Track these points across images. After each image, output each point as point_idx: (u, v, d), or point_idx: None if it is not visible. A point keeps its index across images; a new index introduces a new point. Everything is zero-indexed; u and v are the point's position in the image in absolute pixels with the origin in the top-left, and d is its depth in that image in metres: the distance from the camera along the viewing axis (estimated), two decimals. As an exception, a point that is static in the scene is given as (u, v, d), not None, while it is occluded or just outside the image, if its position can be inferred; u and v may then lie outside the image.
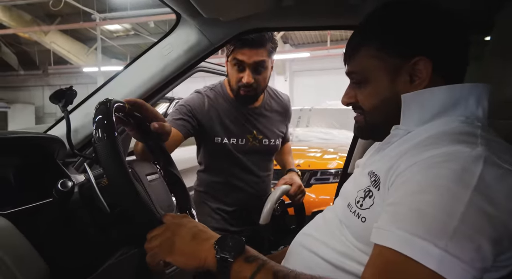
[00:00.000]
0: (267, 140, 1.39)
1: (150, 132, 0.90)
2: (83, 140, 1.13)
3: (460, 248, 0.43)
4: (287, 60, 11.22)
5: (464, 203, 0.44)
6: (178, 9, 0.99)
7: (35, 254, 0.64)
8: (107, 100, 0.72)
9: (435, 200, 0.46)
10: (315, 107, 4.94)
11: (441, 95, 0.59)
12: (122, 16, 9.85)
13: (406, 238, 0.45)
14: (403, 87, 0.62)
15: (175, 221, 0.64)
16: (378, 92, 0.65)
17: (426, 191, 0.47)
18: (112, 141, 0.64)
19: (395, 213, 0.49)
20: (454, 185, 0.46)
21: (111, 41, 11.61)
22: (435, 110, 0.60)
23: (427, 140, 0.54)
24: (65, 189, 0.66)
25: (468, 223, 0.44)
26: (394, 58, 0.62)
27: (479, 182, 0.46)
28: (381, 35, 0.64)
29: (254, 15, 1.01)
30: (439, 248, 0.43)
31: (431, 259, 0.43)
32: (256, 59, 1.21)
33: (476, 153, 0.48)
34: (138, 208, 0.63)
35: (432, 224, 0.45)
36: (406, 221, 0.47)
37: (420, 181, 0.49)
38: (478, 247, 0.44)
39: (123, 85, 1.11)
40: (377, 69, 0.64)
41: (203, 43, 1.08)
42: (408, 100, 0.61)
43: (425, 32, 0.61)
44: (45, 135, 0.92)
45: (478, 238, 0.44)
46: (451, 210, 0.45)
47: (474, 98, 0.59)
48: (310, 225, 0.75)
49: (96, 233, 0.71)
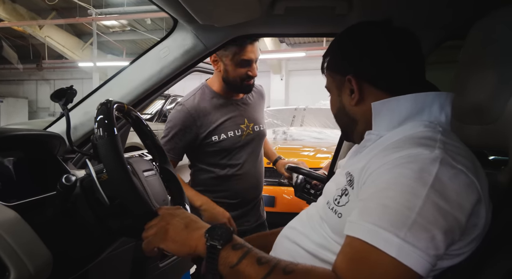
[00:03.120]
0: (258, 126, 1.51)
1: (148, 131, 0.96)
2: (82, 137, 1.18)
3: (417, 238, 0.50)
4: (283, 60, 11.26)
5: (421, 198, 0.51)
6: (175, 15, 1.04)
7: (40, 243, 0.70)
8: (107, 101, 0.78)
9: (397, 196, 0.53)
10: (309, 107, 5.00)
11: (406, 103, 0.66)
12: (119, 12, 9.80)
13: (372, 230, 0.52)
14: (346, 99, 0.73)
15: (169, 212, 0.70)
16: (333, 102, 0.78)
17: (391, 188, 0.54)
18: (112, 139, 0.70)
19: (364, 207, 0.56)
20: (413, 182, 0.52)
21: (107, 37, 11.56)
22: (402, 117, 0.66)
23: (395, 143, 0.61)
24: (69, 183, 0.71)
25: (424, 216, 0.50)
26: (337, 76, 0.75)
27: (435, 180, 0.52)
28: (327, 58, 0.78)
29: (247, 22, 1.06)
30: (399, 238, 0.50)
31: (392, 247, 0.50)
32: (258, 55, 1.39)
33: (434, 155, 0.54)
34: (136, 201, 0.68)
35: (394, 217, 0.51)
36: (373, 215, 0.53)
37: (386, 179, 0.55)
38: (432, 237, 0.50)
39: (121, 85, 1.17)
40: (331, 83, 0.77)
41: (198, 47, 1.13)
42: (377, 108, 0.68)
43: (348, 55, 0.73)
44: (47, 132, 0.98)
45: (432, 229, 0.50)
46: (410, 204, 0.51)
47: (438, 105, 0.66)
48: (295, 219, 0.83)
49: (96, 224, 0.77)
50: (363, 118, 0.73)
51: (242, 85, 1.41)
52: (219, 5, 0.94)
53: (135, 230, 0.77)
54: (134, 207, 0.69)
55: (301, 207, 1.01)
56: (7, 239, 0.63)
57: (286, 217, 1.42)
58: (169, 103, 5.57)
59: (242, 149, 1.46)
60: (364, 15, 1.02)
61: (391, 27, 0.72)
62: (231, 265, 0.58)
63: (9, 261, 0.62)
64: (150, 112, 5.40)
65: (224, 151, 1.43)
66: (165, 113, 5.32)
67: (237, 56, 1.34)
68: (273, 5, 0.97)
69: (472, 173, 0.55)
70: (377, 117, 0.68)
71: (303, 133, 4.21)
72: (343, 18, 1.02)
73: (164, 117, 5.28)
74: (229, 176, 1.46)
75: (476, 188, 0.55)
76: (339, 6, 0.96)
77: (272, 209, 3.04)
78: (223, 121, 1.41)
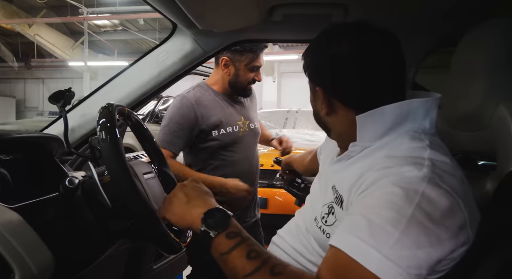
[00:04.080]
0: (252, 124, 1.57)
1: (147, 135, 0.97)
2: (79, 138, 1.19)
3: (399, 256, 0.49)
4: (275, 62, 11.31)
5: (406, 217, 0.51)
6: (174, 19, 1.06)
7: (42, 244, 0.71)
8: (109, 105, 0.79)
9: (383, 213, 0.53)
10: (302, 109, 5.04)
11: (390, 112, 0.64)
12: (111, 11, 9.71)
13: (355, 243, 0.52)
14: (318, 107, 0.72)
15: (183, 183, 0.72)
16: (312, 106, 0.76)
17: (378, 205, 0.54)
18: (115, 142, 0.71)
19: (351, 221, 0.56)
20: (400, 200, 0.53)
21: (98, 36, 11.45)
22: (387, 127, 0.65)
23: (383, 162, 0.60)
24: (73, 186, 0.72)
25: (408, 234, 0.50)
26: (311, 84, 0.73)
27: (421, 199, 0.52)
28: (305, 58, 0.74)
29: (246, 28, 1.09)
30: (381, 254, 0.50)
31: (372, 263, 0.49)
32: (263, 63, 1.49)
33: (422, 174, 0.55)
34: (137, 202, 0.70)
35: (379, 233, 0.51)
36: (358, 229, 0.53)
37: (375, 197, 0.56)
38: (415, 256, 0.50)
39: (119, 88, 1.18)
40: (310, 87, 0.75)
41: (197, 52, 1.15)
42: (362, 121, 0.66)
43: (317, 67, 0.71)
44: (46, 135, 0.98)
45: (415, 249, 0.50)
46: (395, 222, 0.51)
47: (422, 112, 0.65)
48: (285, 228, 0.85)
49: (96, 226, 0.78)
50: (335, 129, 0.73)
51: (246, 89, 1.51)
52: (218, 11, 0.96)
53: (136, 231, 0.79)
54: (135, 207, 0.70)
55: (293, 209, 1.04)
56: (11, 240, 0.64)
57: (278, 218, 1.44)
58: (162, 104, 5.56)
59: (239, 145, 1.50)
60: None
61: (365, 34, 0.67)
62: (221, 252, 0.59)
63: (13, 263, 0.62)
64: (142, 113, 5.38)
65: (222, 147, 1.47)
66: (158, 114, 5.30)
67: (252, 62, 1.43)
68: (271, 12, 1.00)
69: (457, 193, 0.55)
70: (362, 129, 0.66)
71: (296, 135, 4.24)
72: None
73: (156, 118, 5.25)
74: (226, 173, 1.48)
75: (461, 209, 0.54)
76: (335, 13, 0.99)
77: (265, 210, 3.06)
78: (222, 117, 1.47)
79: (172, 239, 0.76)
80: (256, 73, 1.48)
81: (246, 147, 1.54)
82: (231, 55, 1.42)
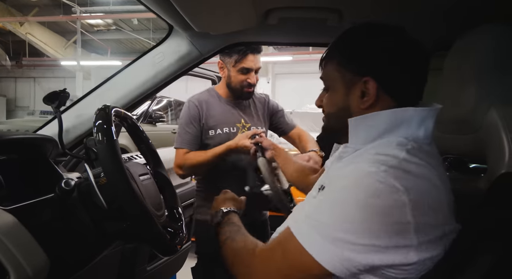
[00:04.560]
0: (254, 127, 1.57)
1: (143, 136, 0.97)
2: (74, 139, 1.18)
3: (333, 238, 0.56)
4: (270, 63, 11.35)
5: (348, 206, 0.56)
6: (171, 21, 1.06)
7: (37, 246, 0.71)
8: (106, 106, 0.79)
9: (330, 201, 0.60)
10: (296, 111, 5.06)
11: (384, 118, 0.65)
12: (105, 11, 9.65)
13: (298, 220, 0.61)
14: (354, 101, 0.68)
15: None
16: (335, 100, 0.72)
17: (330, 193, 0.61)
18: (111, 144, 0.71)
19: (302, 204, 0.66)
20: (344, 191, 0.58)
21: (91, 35, 11.36)
22: (380, 131, 0.65)
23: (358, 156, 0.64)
24: (69, 188, 0.72)
25: (343, 221, 0.56)
26: (349, 74, 0.69)
27: (363, 193, 0.56)
28: (341, 53, 0.71)
29: (242, 30, 1.09)
30: (318, 233, 0.57)
31: (307, 239, 0.58)
32: (259, 65, 1.49)
33: (375, 170, 0.57)
34: (134, 203, 0.70)
35: (321, 216, 0.59)
36: (306, 210, 0.62)
37: (331, 186, 0.62)
38: (348, 241, 0.55)
39: (115, 89, 1.17)
40: (336, 80, 0.71)
41: (193, 54, 1.15)
42: (354, 123, 0.68)
43: (373, 57, 0.67)
44: (42, 136, 0.97)
45: (346, 231, 0.56)
46: (337, 210, 0.58)
47: (417, 120, 0.65)
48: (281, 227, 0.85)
49: (92, 228, 0.78)
50: None
51: (242, 92, 1.52)
52: (215, 14, 0.97)
53: (132, 233, 0.79)
54: (132, 209, 0.71)
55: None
56: (6, 243, 0.64)
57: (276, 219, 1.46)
58: (156, 104, 5.53)
59: None
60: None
61: (411, 38, 0.69)
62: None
63: (8, 264, 0.62)
64: (136, 113, 5.35)
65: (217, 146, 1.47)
66: (151, 114, 5.27)
67: (238, 63, 1.45)
68: (267, 15, 1.00)
69: (409, 195, 0.55)
70: (354, 131, 0.68)
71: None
72: (335, 29, 1.06)
73: (150, 118, 5.22)
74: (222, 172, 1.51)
75: (405, 211, 0.55)
76: (330, 18, 1.00)
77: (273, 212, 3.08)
78: (220, 118, 1.50)
79: (168, 241, 0.77)
80: (249, 76, 1.48)
81: None
82: (223, 57, 1.47)
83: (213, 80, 2.27)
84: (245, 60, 1.45)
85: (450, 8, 0.91)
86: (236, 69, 1.46)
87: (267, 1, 0.93)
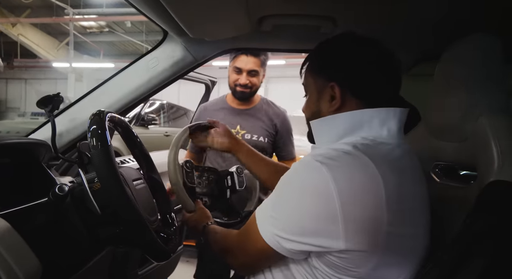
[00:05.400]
0: (250, 134, 1.59)
1: (137, 141, 0.97)
2: (67, 143, 1.18)
3: (275, 219, 0.66)
4: (262, 66, 11.37)
5: (283, 194, 0.67)
6: (165, 27, 1.07)
7: (29, 251, 0.70)
8: (100, 112, 0.79)
9: (276, 189, 0.69)
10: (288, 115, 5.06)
11: (343, 120, 0.71)
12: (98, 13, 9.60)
13: (260, 208, 0.72)
14: (324, 104, 0.75)
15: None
16: (310, 104, 0.79)
17: (279, 182, 0.69)
18: (106, 149, 0.71)
19: None
20: (288, 181, 0.68)
21: (84, 37, 11.28)
22: (340, 132, 0.71)
23: None
24: (63, 193, 0.72)
25: (282, 207, 0.66)
26: (320, 80, 0.75)
27: (296, 180, 0.65)
28: (313, 61, 0.79)
29: (236, 36, 1.10)
30: (270, 216, 0.67)
31: (260, 222, 0.70)
32: (250, 68, 1.53)
33: (310, 160, 0.64)
34: (128, 209, 0.70)
35: (270, 204, 0.69)
36: (266, 201, 0.71)
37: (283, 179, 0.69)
38: (284, 222, 0.65)
39: (109, 94, 1.17)
40: (311, 85, 0.78)
41: (187, 59, 1.16)
42: (316, 125, 0.76)
43: (337, 64, 0.74)
44: (35, 140, 0.97)
45: (281, 218, 0.65)
46: (277, 197, 0.69)
47: (378, 121, 0.69)
48: None
49: (85, 233, 0.78)
50: None
51: (235, 91, 1.58)
52: (210, 21, 0.98)
53: (125, 238, 0.79)
54: (126, 215, 0.71)
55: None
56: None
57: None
58: (148, 107, 5.50)
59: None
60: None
61: (379, 46, 0.75)
62: None
63: (0, 269, 0.62)
64: (128, 116, 5.31)
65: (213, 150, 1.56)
66: (144, 117, 5.24)
67: (232, 62, 1.55)
68: (260, 22, 1.01)
69: (337, 184, 0.59)
70: (317, 133, 0.76)
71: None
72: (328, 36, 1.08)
73: (142, 121, 5.19)
74: None
75: (332, 199, 0.59)
76: (324, 25, 1.01)
77: None
78: None
79: (161, 246, 0.77)
80: (239, 76, 1.53)
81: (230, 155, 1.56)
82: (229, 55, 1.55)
83: (206, 84, 2.27)
84: (237, 60, 1.52)
85: (440, 19, 0.93)
86: (231, 68, 1.55)
87: (261, 9, 0.94)
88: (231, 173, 1.17)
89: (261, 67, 1.57)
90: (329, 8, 0.92)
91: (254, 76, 1.56)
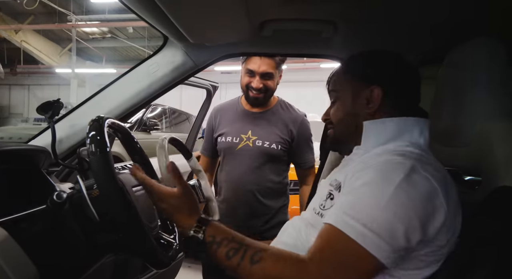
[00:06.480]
0: (261, 141, 1.47)
1: (137, 147, 0.97)
2: (67, 149, 1.17)
3: (378, 228, 0.59)
4: (264, 71, 11.36)
5: (387, 195, 0.60)
6: (166, 32, 1.06)
7: (27, 259, 0.69)
8: (99, 118, 0.79)
9: (369, 192, 0.62)
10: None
11: (392, 125, 0.75)
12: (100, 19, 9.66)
13: (342, 218, 0.62)
14: (360, 107, 0.78)
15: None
16: (343, 107, 0.82)
17: (365, 185, 0.64)
18: (105, 156, 0.70)
19: (340, 201, 0.66)
20: (383, 181, 0.62)
21: (86, 43, 11.36)
22: (388, 137, 0.74)
23: (376, 153, 0.71)
24: (61, 200, 0.71)
25: (388, 210, 0.60)
26: (358, 83, 0.79)
27: (402, 182, 0.61)
28: (353, 67, 0.83)
29: (237, 42, 1.10)
30: (364, 226, 0.59)
31: (355, 232, 0.59)
32: (264, 70, 1.41)
33: (406, 161, 0.64)
34: (128, 217, 0.69)
35: (363, 208, 0.61)
36: (346, 206, 0.63)
37: (363, 179, 0.65)
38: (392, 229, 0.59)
39: (109, 99, 1.17)
40: (345, 90, 0.82)
41: (188, 64, 1.16)
42: (368, 127, 0.77)
43: (380, 70, 0.79)
44: (36, 147, 0.96)
45: (394, 222, 0.59)
46: (377, 200, 0.61)
47: (417, 130, 0.74)
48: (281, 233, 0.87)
49: (84, 240, 0.77)
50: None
51: (248, 95, 1.48)
52: (210, 26, 0.97)
53: (124, 246, 0.78)
54: (125, 222, 0.70)
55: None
56: (-5, 257, 0.63)
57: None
58: (150, 112, 5.51)
59: (234, 156, 1.51)
60: (348, 39, 1.08)
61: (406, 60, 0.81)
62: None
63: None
64: (130, 121, 5.31)
65: (223, 154, 1.55)
66: (146, 122, 5.24)
67: (244, 64, 1.46)
68: (261, 27, 1.01)
69: (438, 182, 0.62)
70: (366, 134, 0.77)
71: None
72: (329, 40, 1.07)
73: (144, 126, 5.20)
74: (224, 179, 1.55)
75: (438, 195, 0.61)
76: (325, 30, 1.01)
77: None
78: (229, 126, 1.52)
79: (161, 254, 0.76)
80: (251, 79, 1.43)
81: (242, 160, 1.48)
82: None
83: (208, 90, 2.27)
84: (249, 62, 1.42)
85: (442, 23, 0.92)
86: (243, 69, 1.47)
87: (261, 13, 0.94)
88: (192, 186, 1.05)
89: (276, 69, 1.45)
90: (329, 12, 0.92)
91: (268, 79, 1.44)
